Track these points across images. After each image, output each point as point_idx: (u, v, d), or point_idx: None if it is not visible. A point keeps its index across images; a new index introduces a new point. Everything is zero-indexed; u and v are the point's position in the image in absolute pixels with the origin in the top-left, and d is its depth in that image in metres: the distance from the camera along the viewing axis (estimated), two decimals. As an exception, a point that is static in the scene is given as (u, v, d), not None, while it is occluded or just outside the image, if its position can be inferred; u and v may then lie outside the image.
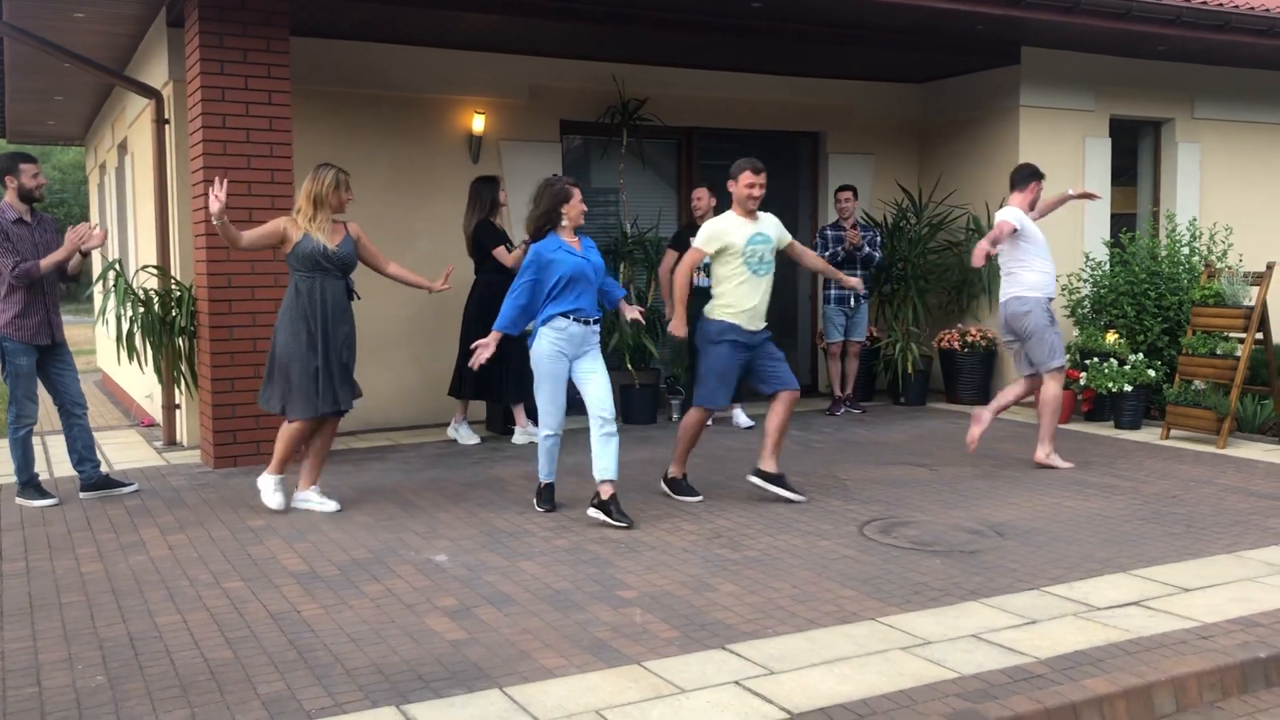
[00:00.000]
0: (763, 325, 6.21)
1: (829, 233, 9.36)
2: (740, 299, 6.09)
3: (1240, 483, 6.69)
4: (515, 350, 8.07)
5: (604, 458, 5.69)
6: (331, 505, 6.13)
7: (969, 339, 9.73)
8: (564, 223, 5.84)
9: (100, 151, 13.46)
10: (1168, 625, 4.21)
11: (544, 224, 5.86)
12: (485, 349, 5.78)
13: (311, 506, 6.14)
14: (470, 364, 5.83)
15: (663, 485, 6.45)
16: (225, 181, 5.84)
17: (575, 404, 6.01)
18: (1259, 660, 3.91)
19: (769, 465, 6.21)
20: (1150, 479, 6.79)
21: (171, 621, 4.35)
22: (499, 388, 8.12)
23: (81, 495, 6.53)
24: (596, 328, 5.89)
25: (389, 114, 8.81)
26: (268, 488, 6.12)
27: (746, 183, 6.10)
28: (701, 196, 8.66)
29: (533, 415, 8.33)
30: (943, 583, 4.75)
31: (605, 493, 5.74)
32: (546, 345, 5.76)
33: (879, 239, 9.53)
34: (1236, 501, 6.20)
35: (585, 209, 5.92)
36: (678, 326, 6.21)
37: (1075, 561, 5.04)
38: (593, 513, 5.76)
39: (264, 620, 4.35)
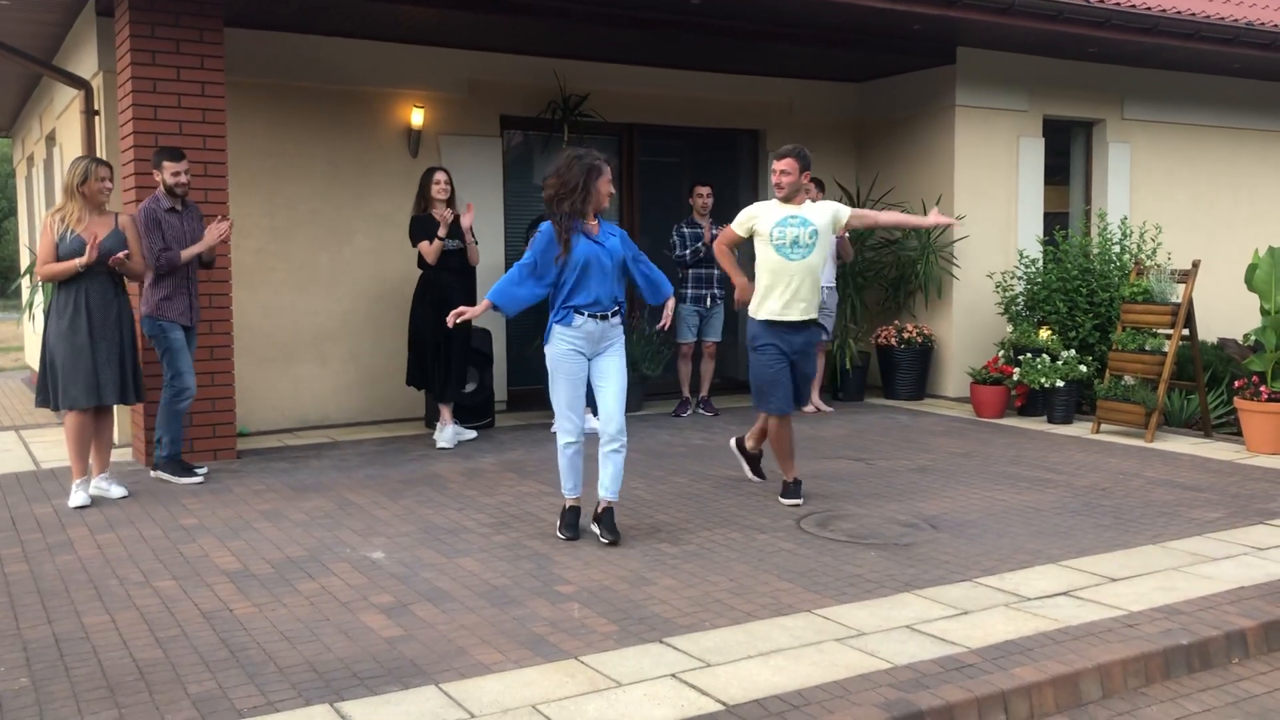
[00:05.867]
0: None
1: (685, 230, 9.11)
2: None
3: (1166, 475, 6.85)
4: (458, 347, 7.99)
5: (604, 475, 5.31)
6: (119, 490, 6.34)
7: (905, 335, 9.84)
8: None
9: (28, 143, 13.13)
10: (1095, 614, 4.31)
11: (566, 204, 5.16)
12: (468, 314, 5.26)
13: (107, 492, 6.33)
14: (448, 321, 5.27)
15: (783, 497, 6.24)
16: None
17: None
18: (1181, 647, 4.01)
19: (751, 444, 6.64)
20: (1081, 472, 6.93)
21: (100, 622, 4.27)
22: (436, 382, 7.97)
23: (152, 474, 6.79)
24: (616, 321, 5.34)
25: (326, 107, 8.70)
26: (71, 491, 6.21)
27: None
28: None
29: (459, 416, 8.17)
30: (878, 575, 4.81)
31: (601, 507, 5.38)
32: (561, 344, 5.27)
33: None
34: (1162, 494, 6.35)
35: (613, 191, 5.29)
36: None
37: (1007, 553, 5.14)
38: (592, 526, 5.44)
39: (195, 619, 4.29)
